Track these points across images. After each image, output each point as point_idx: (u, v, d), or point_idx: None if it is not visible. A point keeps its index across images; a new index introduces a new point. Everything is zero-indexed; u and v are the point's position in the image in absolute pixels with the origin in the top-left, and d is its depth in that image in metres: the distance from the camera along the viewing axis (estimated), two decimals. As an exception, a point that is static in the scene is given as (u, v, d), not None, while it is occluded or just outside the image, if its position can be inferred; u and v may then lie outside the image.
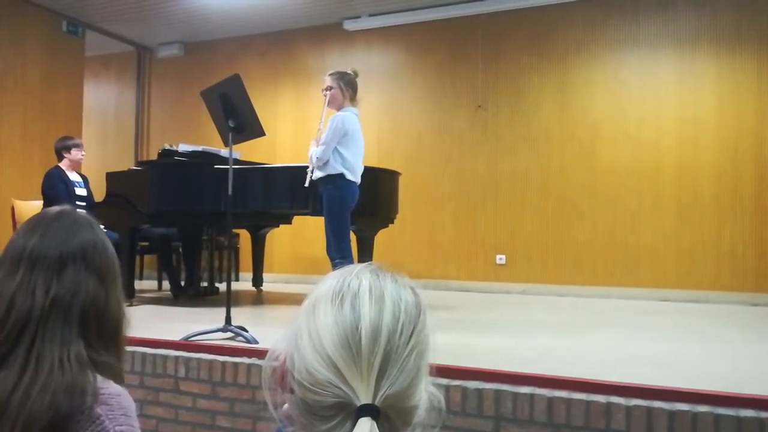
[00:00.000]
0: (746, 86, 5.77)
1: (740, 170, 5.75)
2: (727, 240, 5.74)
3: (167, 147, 5.45)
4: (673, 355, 3.11)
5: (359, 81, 4.22)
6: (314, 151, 4.03)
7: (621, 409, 2.22)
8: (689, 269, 5.84)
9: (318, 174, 4.02)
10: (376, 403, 0.64)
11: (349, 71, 4.16)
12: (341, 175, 3.95)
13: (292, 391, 0.69)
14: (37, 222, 1.09)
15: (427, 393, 0.70)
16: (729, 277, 5.71)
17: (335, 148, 3.96)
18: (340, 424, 0.65)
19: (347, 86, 4.08)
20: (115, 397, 0.98)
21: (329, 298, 0.70)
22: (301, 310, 0.73)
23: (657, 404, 2.20)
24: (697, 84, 5.94)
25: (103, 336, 1.04)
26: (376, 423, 0.64)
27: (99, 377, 0.98)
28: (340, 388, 0.65)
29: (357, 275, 0.72)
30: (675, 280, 5.86)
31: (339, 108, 4.07)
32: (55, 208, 1.13)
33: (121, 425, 0.96)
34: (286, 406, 0.74)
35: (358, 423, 0.64)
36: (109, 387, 0.99)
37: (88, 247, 1.07)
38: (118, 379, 1.03)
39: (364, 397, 0.65)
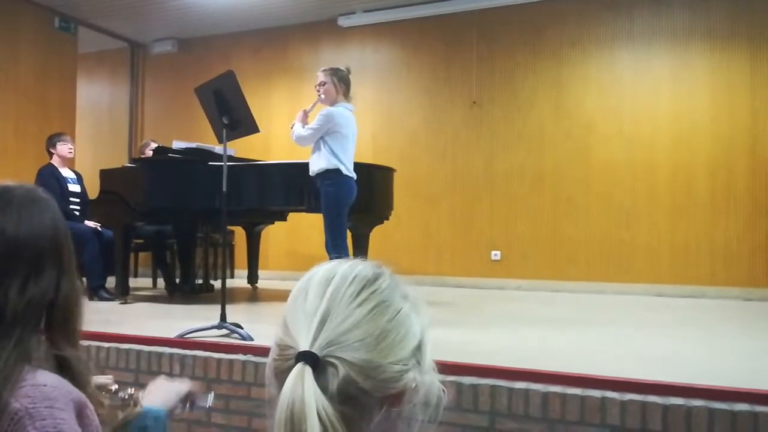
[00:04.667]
0: (740, 82, 5.79)
1: (734, 166, 5.77)
2: (721, 236, 5.76)
3: (151, 141, 5.44)
4: (668, 350, 3.12)
5: (353, 77, 4.22)
6: (298, 127, 4.05)
7: (616, 404, 2.23)
8: (683, 265, 5.86)
9: (315, 170, 4.02)
10: (314, 349, 0.63)
11: (342, 67, 4.16)
12: (338, 171, 3.95)
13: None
14: None
15: (421, 377, 0.69)
16: (723, 273, 5.73)
17: (327, 143, 3.96)
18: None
19: (340, 82, 4.08)
20: (40, 388, 0.86)
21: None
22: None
23: (652, 399, 2.21)
24: (691, 80, 5.95)
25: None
26: (315, 371, 0.62)
27: (27, 367, 0.88)
28: (288, 346, 0.65)
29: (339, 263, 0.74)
30: (669, 276, 5.88)
31: (332, 104, 4.08)
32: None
33: (44, 419, 0.84)
34: None
35: (293, 370, 0.62)
36: (34, 377, 0.88)
37: None
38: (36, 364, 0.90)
39: (302, 345, 0.64)
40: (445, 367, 0.75)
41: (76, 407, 0.90)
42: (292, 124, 4.16)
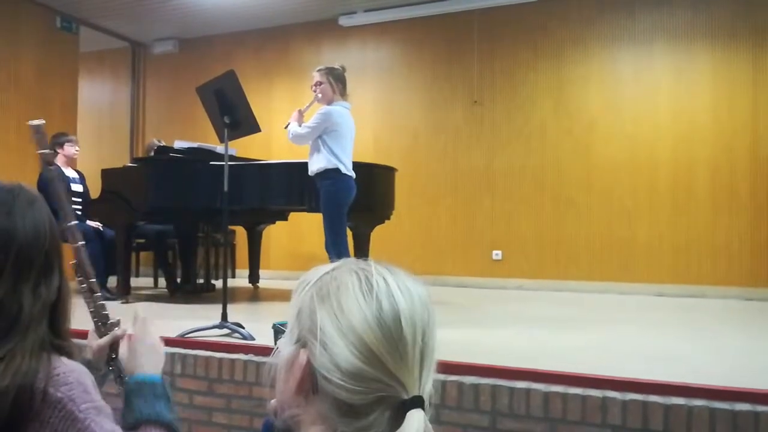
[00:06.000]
0: (741, 81, 5.78)
1: (735, 165, 5.77)
2: (722, 235, 5.76)
3: (156, 141, 5.44)
4: (669, 350, 3.12)
5: (354, 76, 4.21)
6: (294, 126, 4.04)
7: (617, 404, 2.23)
8: (684, 264, 5.85)
9: (314, 169, 4.02)
10: (422, 393, 0.65)
11: (336, 66, 4.16)
12: (337, 170, 3.95)
13: (314, 392, 0.67)
14: None
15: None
16: (724, 272, 5.72)
17: (326, 143, 3.95)
18: (378, 419, 0.64)
19: (336, 81, 4.08)
20: (71, 374, 0.93)
21: (357, 293, 0.68)
22: (313, 307, 0.70)
23: (653, 398, 2.21)
24: (693, 79, 5.95)
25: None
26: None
27: (54, 356, 0.94)
28: (382, 382, 0.64)
29: (377, 271, 0.71)
30: (670, 275, 5.87)
31: (329, 103, 4.07)
32: None
33: (84, 402, 0.92)
34: (274, 401, 0.73)
35: (410, 416, 0.63)
36: (62, 364, 0.94)
37: None
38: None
39: (413, 390, 0.64)
40: (446, 367, 0.77)
41: (94, 386, 0.98)
42: (287, 124, 4.16)
